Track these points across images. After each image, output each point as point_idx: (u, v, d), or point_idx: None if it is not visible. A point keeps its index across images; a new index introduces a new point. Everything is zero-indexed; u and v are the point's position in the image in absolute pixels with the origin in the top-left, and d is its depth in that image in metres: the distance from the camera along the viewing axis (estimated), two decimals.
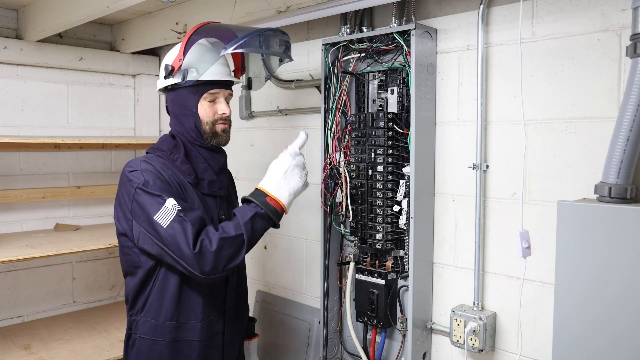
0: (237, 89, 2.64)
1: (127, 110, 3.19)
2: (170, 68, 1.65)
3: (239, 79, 1.86)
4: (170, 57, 1.70)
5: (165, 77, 1.67)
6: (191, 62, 1.65)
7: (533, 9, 1.64)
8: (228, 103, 1.75)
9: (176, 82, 1.66)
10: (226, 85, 1.72)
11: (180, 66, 1.64)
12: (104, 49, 3.07)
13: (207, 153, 1.71)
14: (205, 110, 1.68)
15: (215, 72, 1.68)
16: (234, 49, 1.62)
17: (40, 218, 2.87)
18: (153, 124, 3.19)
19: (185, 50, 1.64)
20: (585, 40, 1.54)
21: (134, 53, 3.08)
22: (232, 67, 1.87)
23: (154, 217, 1.50)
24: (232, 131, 2.78)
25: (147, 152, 1.73)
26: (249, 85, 2.04)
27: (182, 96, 1.69)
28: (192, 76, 1.65)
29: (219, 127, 1.70)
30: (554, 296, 1.40)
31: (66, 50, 2.85)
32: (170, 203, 1.51)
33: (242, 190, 1.96)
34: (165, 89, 1.73)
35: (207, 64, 1.66)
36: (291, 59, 1.83)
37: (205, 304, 1.68)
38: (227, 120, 1.72)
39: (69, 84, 2.94)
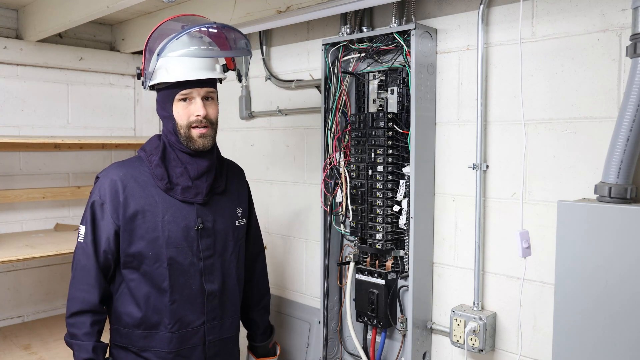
0: (237, 89, 2.64)
1: (127, 110, 3.19)
2: (137, 71, 1.62)
3: (223, 73, 1.70)
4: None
5: (138, 79, 1.65)
6: (155, 62, 1.57)
7: (533, 9, 1.64)
8: (212, 101, 1.64)
9: (148, 83, 1.62)
10: (200, 83, 1.59)
11: (144, 69, 1.59)
12: (104, 49, 3.06)
13: (186, 157, 1.64)
14: (179, 112, 1.60)
15: (181, 71, 1.57)
16: (159, 51, 1.54)
17: (40, 218, 2.87)
18: (153, 124, 3.19)
19: (147, 51, 1.59)
20: (585, 40, 1.54)
21: (134, 53, 3.07)
22: (216, 61, 1.72)
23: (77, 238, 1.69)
24: (232, 131, 2.78)
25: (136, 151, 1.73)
26: (239, 78, 1.88)
27: (161, 98, 1.64)
28: (160, 78, 1.59)
29: (195, 133, 1.60)
30: (554, 296, 1.40)
31: (66, 50, 2.85)
32: (81, 231, 1.68)
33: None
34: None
35: (172, 64, 1.57)
36: (248, 54, 1.70)
37: (174, 314, 1.64)
38: (203, 123, 1.60)
39: (69, 84, 2.94)
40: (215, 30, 1.64)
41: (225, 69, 1.72)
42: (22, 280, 2.80)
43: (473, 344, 1.72)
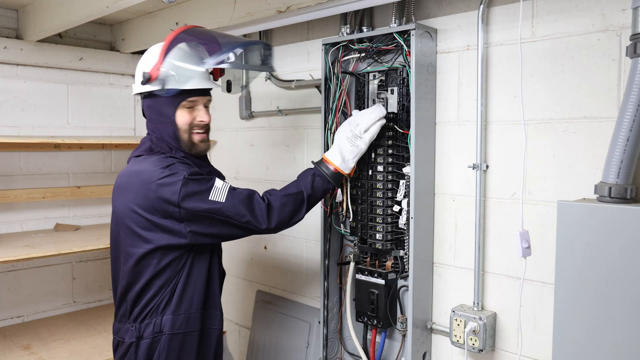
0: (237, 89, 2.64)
1: (127, 110, 3.19)
2: (147, 76, 1.62)
3: (218, 82, 1.84)
4: (147, 63, 1.66)
5: (143, 84, 1.64)
6: (170, 69, 1.61)
7: (533, 9, 1.64)
8: (208, 108, 1.74)
9: (154, 89, 1.63)
10: (205, 92, 1.71)
11: (158, 75, 1.60)
12: (104, 49, 3.07)
13: (195, 160, 1.73)
14: (183, 117, 1.67)
15: (195, 80, 1.66)
16: (217, 63, 1.62)
17: (40, 218, 2.87)
18: None
19: (165, 59, 1.60)
20: (585, 40, 1.54)
21: (134, 53, 3.08)
22: (210, 70, 1.82)
23: (210, 198, 1.60)
24: (232, 131, 2.79)
25: (138, 156, 1.71)
26: (227, 89, 1.96)
27: (160, 104, 1.67)
28: (171, 85, 1.62)
29: (196, 138, 1.70)
30: (554, 296, 1.39)
31: (66, 50, 2.85)
32: (220, 183, 1.64)
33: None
34: (141, 94, 1.70)
35: (187, 73, 1.63)
36: (273, 70, 1.84)
37: (219, 293, 1.79)
38: (204, 129, 1.72)
39: (69, 84, 2.94)
40: (267, 47, 1.84)
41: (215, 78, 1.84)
42: (22, 280, 2.81)
43: (473, 344, 1.72)
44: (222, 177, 1.82)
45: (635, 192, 1.35)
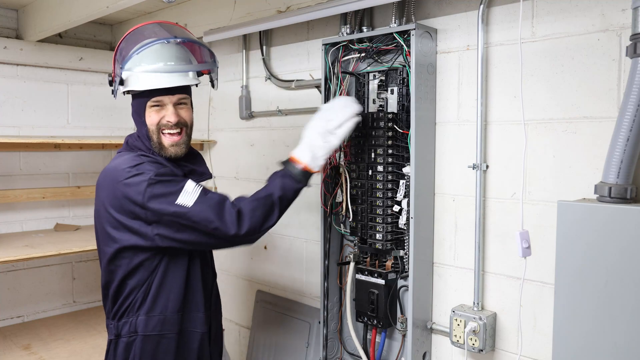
0: (237, 89, 2.64)
1: (127, 110, 3.16)
2: (109, 78, 1.64)
3: (196, 79, 1.70)
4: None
5: (110, 85, 1.65)
6: (130, 69, 1.59)
7: (533, 9, 1.64)
8: (185, 106, 1.67)
9: (124, 90, 1.64)
10: (171, 91, 1.62)
11: (115, 74, 1.61)
12: (104, 49, 3.07)
13: (168, 162, 1.67)
14: (150, 117, 1.63)
15: (152, 80, 1.59)
16: (122, 64, 1.57)
17: (40, 218, 2.87)
18: None
19: (116, 59, 1.61)
20: (585, 40, 1.54)
21: None
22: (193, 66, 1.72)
23: (177, 202, 1.52)
24: (232, 131, 2.78)
25: (120, 152, 1.72)
26: (211, 84, 1.84)
27: (135, 104, 1.67)
28: (130, 85, 1.60)
29: (166, 141, 1.64)
30: (554, 296, 1.39)
31: (66, 50, 2.86)
32: (191, 185, 1.55)
33: (243, 190, 1.96)
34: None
35: (143, 71, 1.59)
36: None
37: (204, 295, 1.72)
38: (175, 129, 1.64)
39: (69, 84, 2.95)
40: (177, 44, 1.64)
41: (200, 73, 1.74)
42: (22, 280, 2.81)
43: (473, 344, 1.72)
44: (207, 177, 1.77)
45: (635, 192, 1.35)
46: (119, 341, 1.67)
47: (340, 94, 2.02)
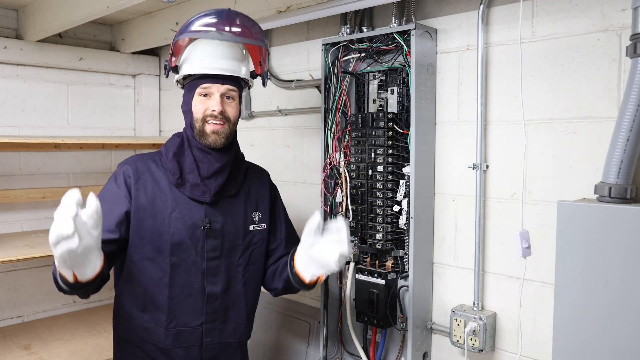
0: None
1: (127, 110, 3.19)
2: (165, 65, 1.66)
3: (248, 76, 1.68)
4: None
5: (166, 75, 1.68)
6: (185, 56, 1.64)
7: (533, 9, 1.64)
8: (232, 101, 1.64)
9: (176, 78, 1.67)
10: (221, 79, 1.60)
11: (171, 62, 1.64)
12: (104, 49, 3.06)
13: (200, 154, 1.64)
14: (196, 105, 1.62)
15: (202, 65, 1.59)
16: (180, 34, 1.61)
17: (40, 218, 2.87)
18: (153, 124, 3.19)
19: (174, 45, 1.62)
20: (585, 40, 1.54)
21: (134, 53, 3.08)
22: (247, 62, 1.72)
23: None
24: None
25: None
26: (263, 82, 1.79)
27: (185, 92, 1.68)
28: (185, 70, 1.63)
29: (208, 128, 1.61)
30: (554, 296, 1.40)
31: (66, 50, 2.85)
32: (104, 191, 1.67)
33: None
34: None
35: (196, 56, 1.62)
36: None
37: (171, 311, 1.64)
38: (218, 118, 1.60)
39: (69, 84, 2.94)
40: (230, 18, 1.62)
41: (254, 74, 1.73)
42: (22, 280, 2.80)
43: (473, 344, 1.72)
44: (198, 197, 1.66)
45: (635, 192, 1.35)
46: (114, 340, 1.76)
47: (340, 94, 2.01)
